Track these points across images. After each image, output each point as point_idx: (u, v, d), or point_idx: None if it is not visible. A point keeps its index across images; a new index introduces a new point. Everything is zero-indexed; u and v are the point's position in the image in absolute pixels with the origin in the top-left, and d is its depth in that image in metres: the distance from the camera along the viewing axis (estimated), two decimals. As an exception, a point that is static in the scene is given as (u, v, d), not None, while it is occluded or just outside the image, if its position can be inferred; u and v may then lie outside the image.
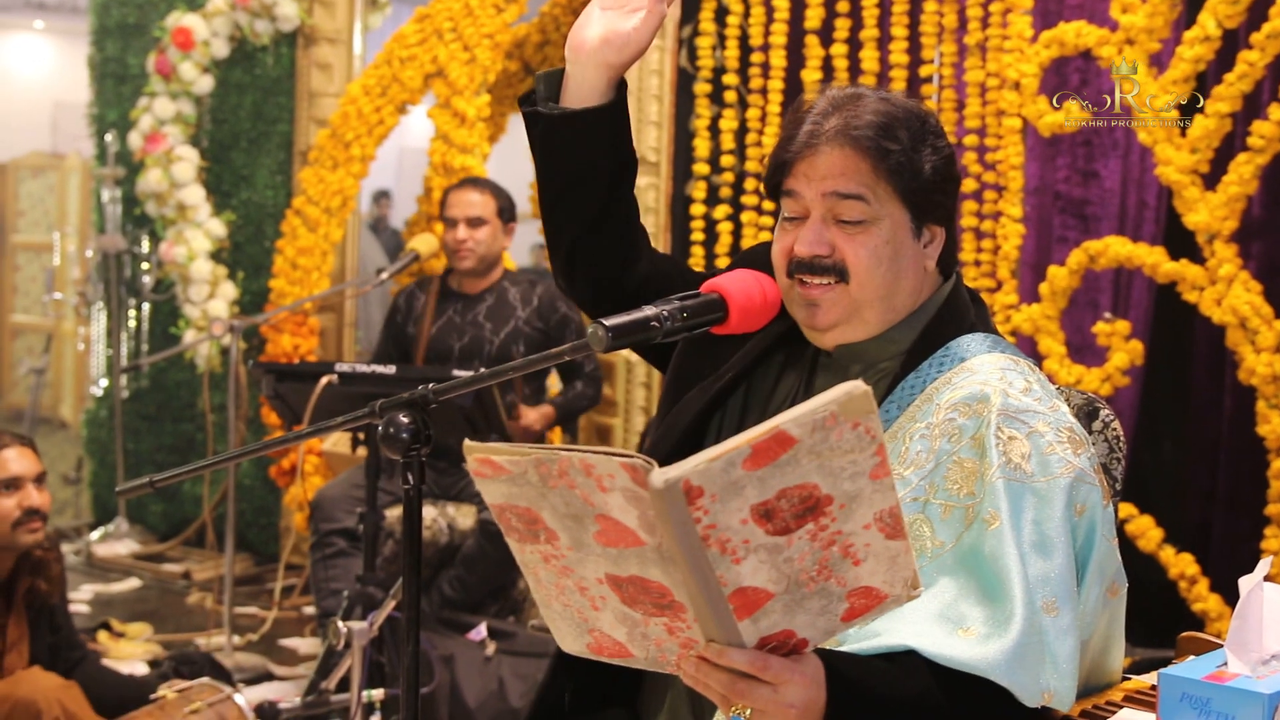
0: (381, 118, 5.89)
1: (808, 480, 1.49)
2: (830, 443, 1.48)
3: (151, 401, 6.97)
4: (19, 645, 3.57)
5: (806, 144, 1.99)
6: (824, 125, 1.98)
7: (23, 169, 11.85)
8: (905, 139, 1.97)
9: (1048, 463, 1.86)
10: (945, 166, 2.02)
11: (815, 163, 1.97)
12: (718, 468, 1.45)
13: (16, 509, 3.47)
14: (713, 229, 5.51)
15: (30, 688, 3.39)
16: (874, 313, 2.00)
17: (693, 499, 1.44)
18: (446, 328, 5.07)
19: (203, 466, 3.32)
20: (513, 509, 1.61)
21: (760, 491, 1.47)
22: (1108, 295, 4.97)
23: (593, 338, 1.83)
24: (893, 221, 1.97)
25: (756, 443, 1.46)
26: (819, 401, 1.48)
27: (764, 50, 5.35)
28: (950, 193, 2.04)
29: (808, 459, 1.48)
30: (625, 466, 1.46)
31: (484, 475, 1.60)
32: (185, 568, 6.40)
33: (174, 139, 6.46)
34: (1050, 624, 1.77)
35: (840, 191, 1.96)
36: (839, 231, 1.97)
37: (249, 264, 6.57)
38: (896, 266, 1.99)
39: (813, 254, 1.97)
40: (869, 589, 1.58)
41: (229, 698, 3.59)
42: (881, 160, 1.96)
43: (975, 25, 4.91)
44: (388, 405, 2.13)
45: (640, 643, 1.63)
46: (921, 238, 2.01)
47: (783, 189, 2.02)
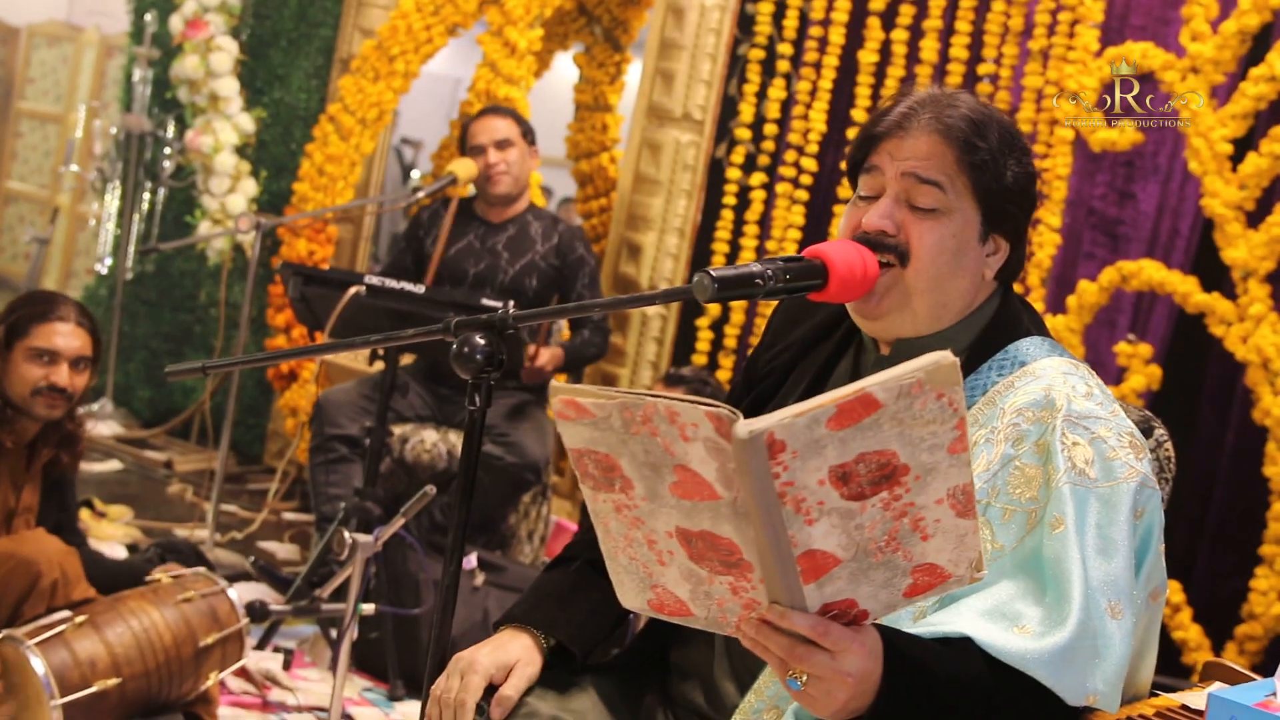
0: (431, 36, 5.86)
1: (887, 447, 1.49)
2: (914, 411, 1.49)
3: (154, 287, 6.94)
4: (29, 513, 3.55)
5: (898, 124, 2.00)
6: (918, 111, 2.00)
7: (38, 36, 11.74)
8: (994, 141, 1.99)
9: (1111, 468, 1.87)
10: (1026, 182, 2.03)
11: (902, 143, 1.98)
12: (801, 424, 1.45)
13: (43, 380, 3.43)
14: (745, 195, 5.50)
15: (34, 548, 3.37)
16: (924, 304, 2.00)
17: (774, 453, 1.44)
18: (465, 251, 5.05)
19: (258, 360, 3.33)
20: (591, 454, 1.61)
21: (840, 453, 1.47)
22: (1127, 316, 4.99)
23: (697, 286, 1.82)
24: (963, 218, 1.98)
25: (842, 402, 1.46)
26: (907, 368, 1.48)
27: (824, 25, 5.34)
28: (1025, 209, 2.04)
29: (890, 425, 1.48)
30: (710, 416, 1.46)
31: (567, 417, 1.60)
32: (168, 457, 6.38)
33: (215, 28, 6.41)
34: (1113, 627, 1.78)
35: (920, 174, 1.96)
36: (910, 214, 1.98)
37: (272, 164, 6.54)
38: (956, 263, 1.99)
39: (879, 229, 1.97)
40: (933, 566, 1.58)
41: (222, 591, 3.57)
42: (967, 154, 1.96)
43: (1041, 31, 4.90)
44: (463, 324, 2.11)
45: (702, 601, 1.63)
46: (987, 245, 2.02)
47: (864, 165, 2.03)
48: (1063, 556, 1.80)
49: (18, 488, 3.51)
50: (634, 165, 5.72)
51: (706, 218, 5.61)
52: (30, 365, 3.43)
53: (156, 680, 3.38)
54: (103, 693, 3.25)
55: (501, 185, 5.01)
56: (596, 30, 6.46)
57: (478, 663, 2.08)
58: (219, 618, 3.53)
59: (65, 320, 3.48)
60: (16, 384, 3.43)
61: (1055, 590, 1.79)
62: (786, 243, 5.34)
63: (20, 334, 3.44)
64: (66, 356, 3.46)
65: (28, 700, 3.25)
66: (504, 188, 5.01)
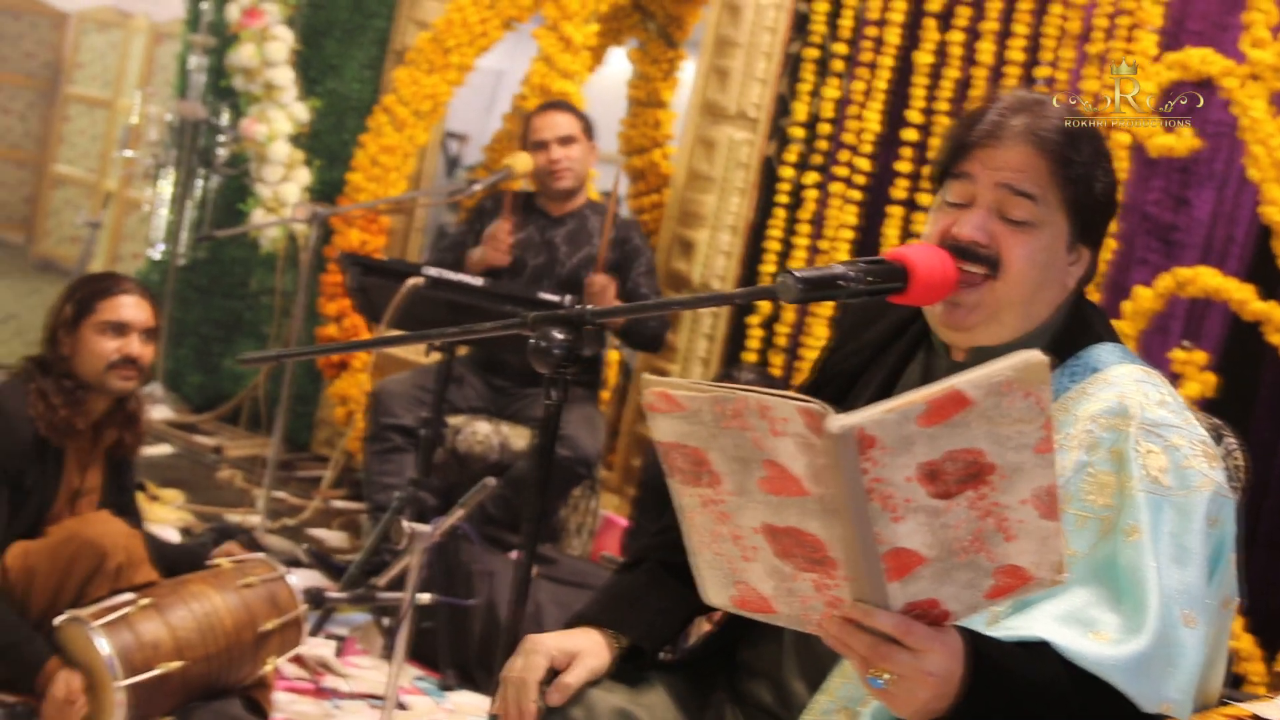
0: (486, 30, 5.89)
1: (975, 445, 1.50)
2: (1002, 409, 1.50)
3: (205, 274, 7.00)
4: (93, 493, 3.59)
5: (991, 133, 1.99)
6: (1010, 120, 1.99)
7: (88, 21, 11.82)
8: (1088, 153, 1.99)
9: (1185, 476, 1.87)
10: (1111, 193, 2.03)
11: (996, 153, 1.98)
12: (892, 420, 1.46)
13: (116, 353, 3.45)
14: (798, 194, 5.51)
15: (100, 529, 3.40)
16: (1013, 316, 2.00)
17: (864, 449, 1.46)
18: (524, 244, 5.08)
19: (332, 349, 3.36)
20: (681, 448, 1.62)
21: (929, 450, 1.48)
22: (1180, 323, 4.97)
23: (782, 287, 1.83)
24: (1054, 230, 1.98)
25: (932, 399, 1.47)
26: (997, 366, 1.49)
27: (879, 25, 5.33)
28: (1107, 219, 2.05)
29: (979, 423, 1.49)
30: (802, 411, 1.47)
31: (658, 410, 1.61)
32: (217, 442, 6.43)
33: (272, 17, 6.46)
34: (1187, 636, 1.79)
35: (1015, 187, 1.96)
36: (1002, 226, 1.97)
37: (325, 153, 6.58)
38: (1046, 275, 1.99)
39: (973, 239, 1.97)
40: (1016, 568, 1.59)
41: (282, 578, 3.60)
42: (1062, 167, 1.96)
43: (1099, 35, 4.90)
44: (541, 319, 2.13)
45: (786, 599, 1.64)
46: (1072, 255, 2.02)
47: (954, 171, 2.02)
48: (1138, 564, 1.80)
49: (83, 468, 3.55)
50: (687, 162, 5.74)
51: (759, 216, 5.62)
52: (101, 339, 3.45)
53: (217, 664, 3.41)
54: (165, 675, 3.29)
55: (564, 180, 5.05)
56: (651, 26, 6.47)
57: (542, 643, 2.10)
58: (278, 603, 3.56)
59: (129, 293, 3.51)
60: (89, 360, 3.45)
61: (1131, 598, 1.80)
62: (839, 242, 5.34)
63: (87, 311, 3.46)
64: (136, 328, 3.48)
65: (91, 682, 3.28)
66: (566, 183, 5.06)
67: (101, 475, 3.61)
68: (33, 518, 3.45)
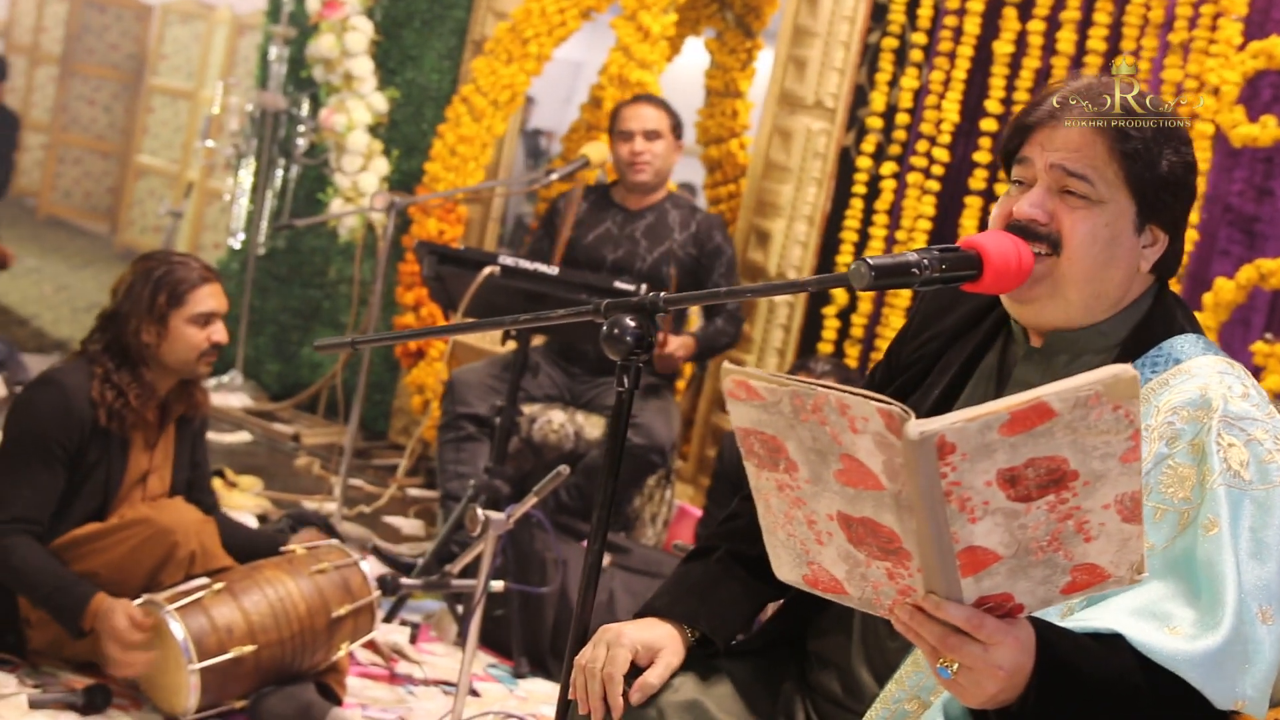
0: (564, 19, 5.90)
1: (1058, 453, 1.49)
2: (1089, 421, 1.48)
3: (284, 263, 7.06)
4: (163, 469, 3.66)
5: (1050, 115, 1.99)
6: (1071, 101, 1.99)
7: (171, 14, 11.97)
8: (1149, 130, 1.97)
9: (1266, 471, 1.85)
10: (1183, 173, 2.00)
11: (1053, 135, 1.98)
12: (973, 429, 1.45)
13: (205, 342, 3.58)
14: (875, 184, 5.48)
15: (173, 517, 3.45)
16: (1077, 293, 1.98)
17: (944, 454, 1.45)
18: (603, 237, 5.09)
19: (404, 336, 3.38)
20: (758, 435, 1.63)
21: (1010, 457, 1.48)
22: (1262, 315, 4.91)
23: (854, 274, 1.84)
24: (1117, 208, 1.96)
25: (1015, 410, 1.46)
26: (1085, 379, 1.48)
27: (959, 15, 5.29)
28: (1182, 199, 2.02)
29: (1063, 433, 1.48)
30: (882, 412, 1.47)
31: (737, 397, 1.62)
32: (295, 430, 6.48)
33: (351, 8, 6.50)
34: (1264, 633, 1.77)
35: (1068, 167, 1.95)
36: (1062, 203, 1.96)
37: (403, 143, 6.62)
38: (1110, 253, 1.97)
39: (1031, 218, 1.96)
40: (1094, 566, 1.58)
41: (355, 564, 3.63)
42: (1118, 143, 1.95)
43: (1182, 24, 4.83)
44: (613, 306, 2.12)
45: (858, 583, 1.65)
46: (1143, 236, 2.00)
47: (1017, 155, 2.02)
48: (1216, 559, 1.78)
49: (150, 446, 3.63)
50: (764, 152, 5.72)
51: (836, 206, 5.60)
52: (194, 330, 3.57)
53: (290, 649, 3.44)
54: (238, 659, 3.33)
55: (644, 174, 5.05)
56: (728, 16, 6.46)
57: (625, 634, 2.10)
58: (351, 590, 3.59)
59: (210, 281, 3.63)
60: (181, 351, 3.56)
61: (1209, 593, 1.77)
62: (916, 233, 5.31)
63: (178, 303, 3.56)
64: (220, 315, 3.62)
65: (166, 664, 3.32)
66: (645, 177, 5.05)
67: (170, 453, 3.67)
68: (99, 498, 3.51)
